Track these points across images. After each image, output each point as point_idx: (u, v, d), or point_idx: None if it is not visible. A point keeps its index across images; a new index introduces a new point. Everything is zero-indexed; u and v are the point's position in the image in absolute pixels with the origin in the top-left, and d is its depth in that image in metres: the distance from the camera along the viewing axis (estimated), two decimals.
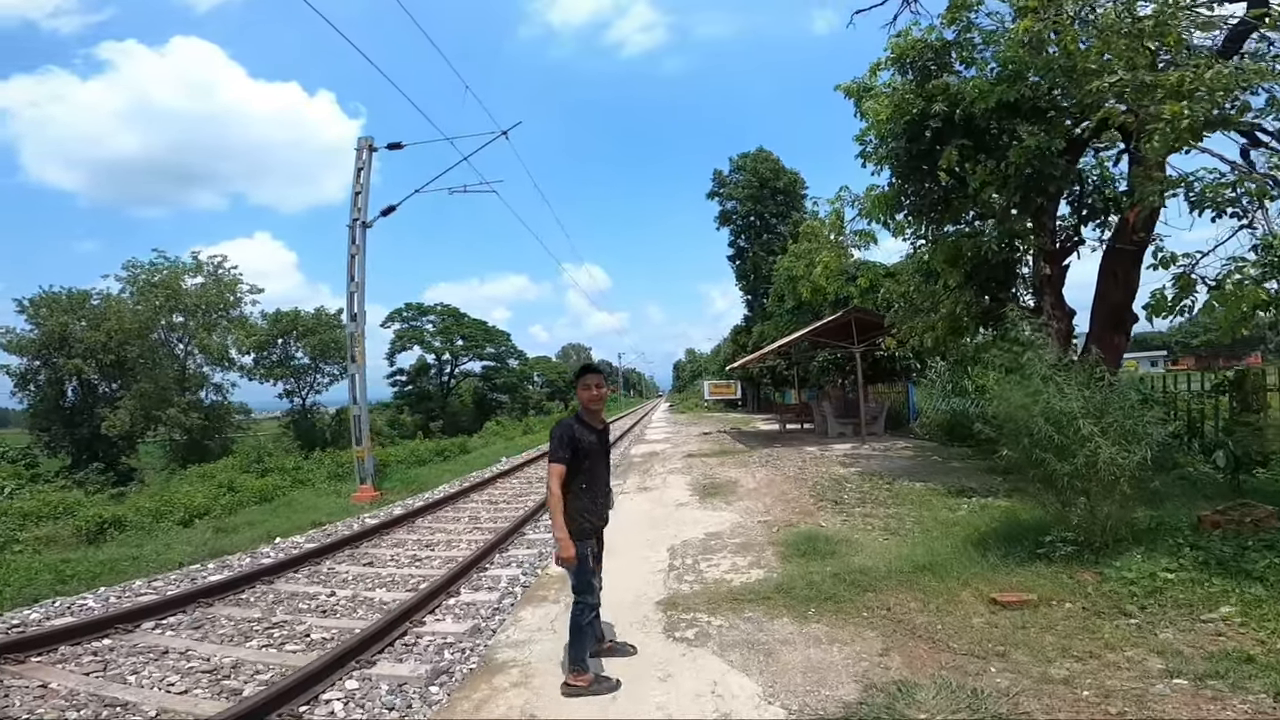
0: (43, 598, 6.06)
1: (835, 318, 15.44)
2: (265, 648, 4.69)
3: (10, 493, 18.61)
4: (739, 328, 42.26)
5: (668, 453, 16.15)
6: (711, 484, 10.28)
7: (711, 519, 7.58)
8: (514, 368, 55.90)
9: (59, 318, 28.20)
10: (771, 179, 38.36)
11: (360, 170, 13.94)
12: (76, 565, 7.23)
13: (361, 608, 5.51)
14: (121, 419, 27.02)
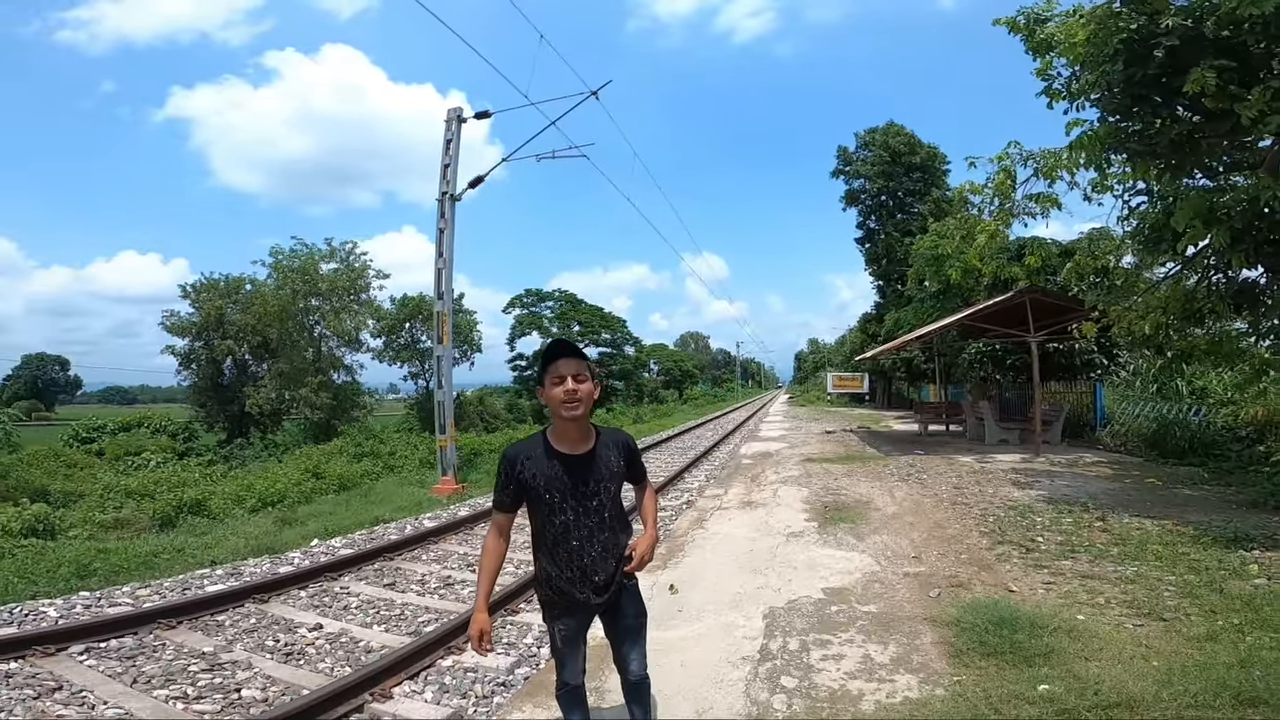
0: (22, 597, 5.23)
1: (1004, 299, 12.38)
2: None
3: (156, 465, 20.10)
4: (868, 316, 38.73)
5: (783, 454, 13.91)
6: (836, 503, 8.05)
7: (835, 563, 5.44)
8: (630, 355, 55.18)
9: (215, 302, 30.76)
10: (906, 154, 34.74)
11: (449, 142, 13.05)
12: (113, 556, 6.59)
13: (329, 657, 4.08)
14: (264, 397, 29.02)
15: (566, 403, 2.14)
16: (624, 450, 2.34)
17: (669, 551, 5.98)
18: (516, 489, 2.20)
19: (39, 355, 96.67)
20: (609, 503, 2.25)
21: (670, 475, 11.99)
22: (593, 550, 2.21)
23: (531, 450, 2.22)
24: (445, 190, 12.82)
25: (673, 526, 7.64)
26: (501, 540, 2.28)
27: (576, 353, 2.22)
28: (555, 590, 2.24)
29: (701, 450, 16.92)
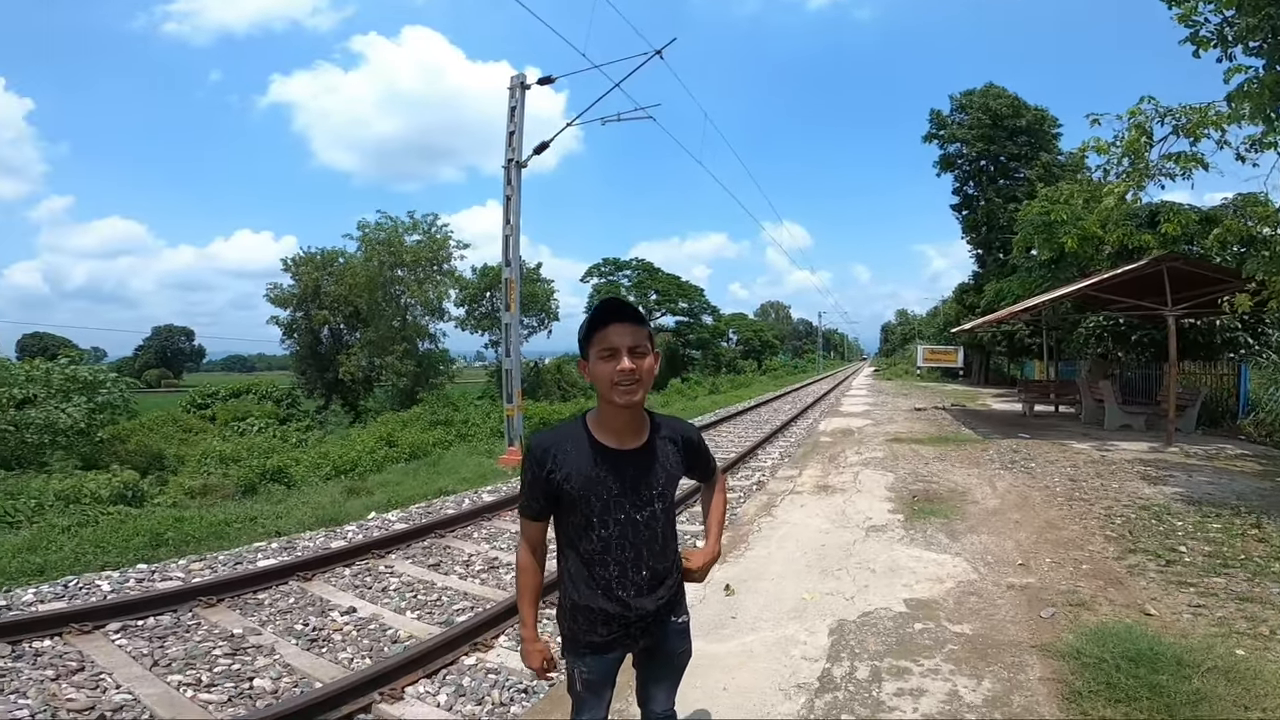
0: (91, 568, 5.35)
1: (1137, 267, 10.76)
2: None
3: (258, 431, 21.44)
4: (965, 286, 36.29)
5: (866, 432, 12.92)
6: (926, 492, 7.19)
7: (922, 567, 4.70)
8: (708, 324, 54.28)
9: (312, 274, 32.46)
10: (1009, 116, 32.24)
11: (513, 109, 12.80)
12: (187, 526, 6.70)
13: (354, 645, 3.84)
14: (354, 364, 30.54)
15: (620, 384, 1.61)
16: (686, 446, 1.83)
17: (730, 543, 5.42)
18: (547, 493, 1.70)
19: (167, 326, 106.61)
20: (664, 515, 1.75)
21: (742, 452, 11.38)
22: (638, 578, 1.71)
23: (567, 442, 1.70)
24: (511, 157, 12.64)
25: (738, 512, 7.06)
26: (536, 556, 1.80)
27: (634, 316, 1.65)
28: (583, 625, 1.74)
29: (778, 425, 16.14)
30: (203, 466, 11.56)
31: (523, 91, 12.83)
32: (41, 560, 5.35)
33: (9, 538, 6.02)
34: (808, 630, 3.63)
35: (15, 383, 13.99)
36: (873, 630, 3.61)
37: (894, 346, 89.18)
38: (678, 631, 1.85)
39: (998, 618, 3.75)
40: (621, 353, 1.61)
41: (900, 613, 3.85)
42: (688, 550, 1.91)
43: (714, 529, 1.98)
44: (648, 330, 1.67)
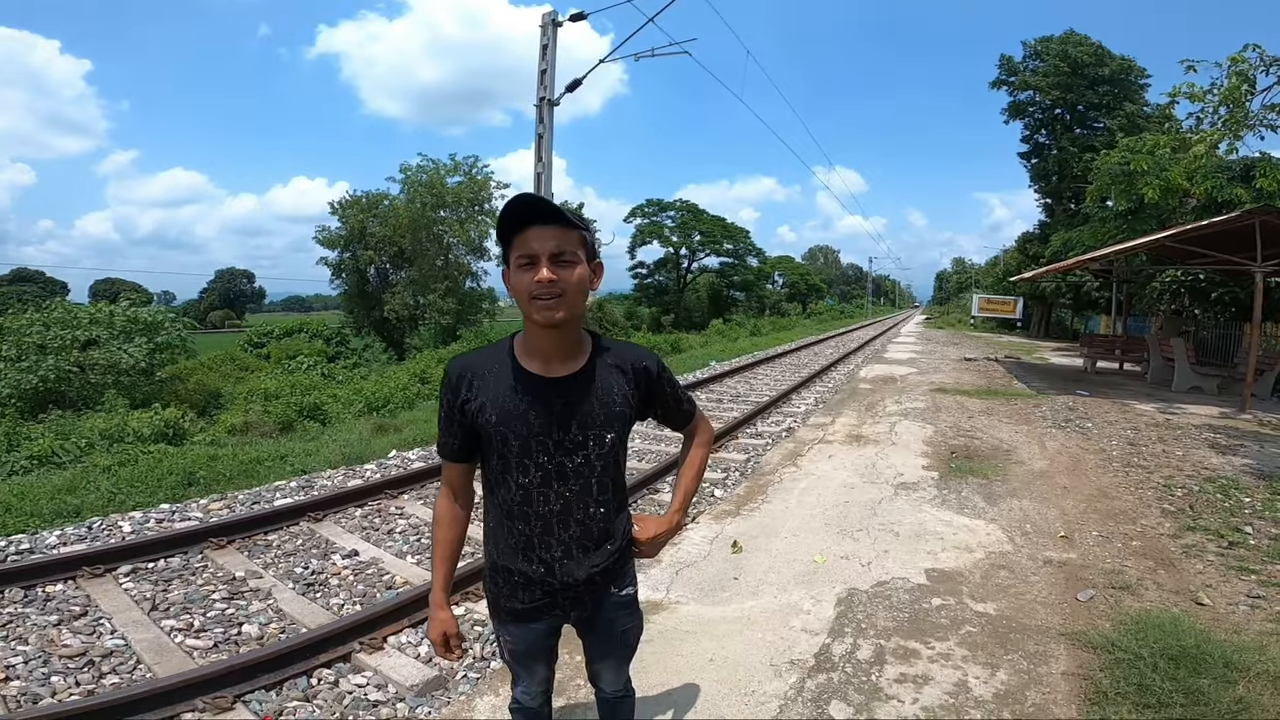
0: (123, 508, 5.49)
1: (1226, 219, 9.68)
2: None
3: (307, 368, 22.11)
4: (1029, 235, 34.77)
5: (909, 381, 12.36)
6: (967, 449, 6.77)
7: (951, 533, 4.37)
8: (752, 265, 52.98)
9: (358, 216, 32.83)
10: (1091, 64, 30.39)
11: (545, 47, 12.33)
12: (220, 464, 6.79)
13: (348, 590, 3.82)
14: (399, 302, 31.14)
15: (539, 297, 1.32)
16: (639, 377, 1.51)
17: (747, 494, 5.20)
18: (465, 427, 1.45)
19: (229, 269, 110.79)
20: (601, 461, 1.45)
21: (775, 396, 11.04)
22: (565, 536, 1.46)
23: (488, 367, 1.44)
24: (543, 96, 12.29)
25: (761, 460, 6.82)
26: (456, 504, 1.55)
27: (557, 216, 1.33)
28: (503, 589, 1.51)
29: (816, 369, 15.66)
30: (248, 404, 11.92)
31: (554, 28, 12.36)
32: (78, 501, 5.51)
33: (51, 478, 6.24)
34: (814, 598, 3.40)
35: (80, 325, 14.59)
36: (885, 603, 3.35)
37: (949, 295, 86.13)
38: (620, 604, 1.59)
39: (1028, 597, 3.43)
40: (541, 260, 1.32)
41: (919, 584, 3.57)
42: (640, 515, 1.63)
43: (679, 492, 1.66)
44: (580, 234, 1.36)
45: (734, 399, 11.53)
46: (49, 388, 12.74)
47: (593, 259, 1.41)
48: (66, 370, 13.12)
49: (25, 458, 7.53)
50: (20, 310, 15.55)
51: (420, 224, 31.48)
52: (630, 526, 1.59)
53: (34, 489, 5.73)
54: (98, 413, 10.43)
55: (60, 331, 13.96)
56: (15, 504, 5.26)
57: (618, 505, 1.54)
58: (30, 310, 15.05)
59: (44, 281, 70.40)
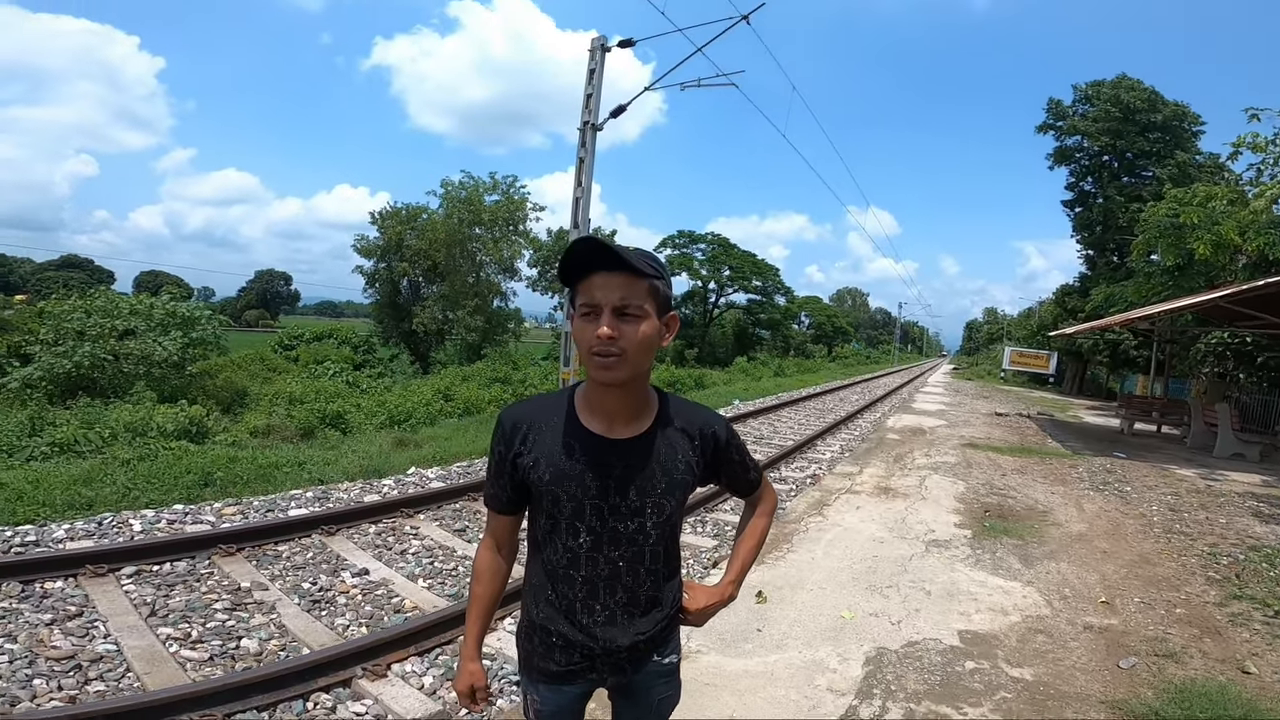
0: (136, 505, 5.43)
1: None
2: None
3: (333, 374, 22.33)
4: (1068, 288, 33.70)
5: (939, 433, 12.02)
6: (1000, 508, 6.49)
7: (985, 594, 4.13)
8: (780, 304, 52.78)
9: (397, 228, 33.50)
10: (1144, 110, 29.52)
11: (592, 71, 12.49)
12: (238, 466, 6.75)
13: (354, 611, 3.67)
14: (428, 315, 31.50)
15: (597, 354, 1.20)
16: (706, 444, 1.38)
17: (772, 541, 4.97)
18: (515, 481, 1.33)
19: (268, 270, 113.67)
20: (657, 530, 1.33)
21: (800, 441, 10.79)
22: (612, 602, 1.32)
23: (544, 418, 1.32)
24: (587, 120, 12.37)
25: (786, 507, 6.59)
26: (499, 556, 1.43)
27: (623, 264, 1.19)
28: (538, 648, 1.37)
29: (842, 416, 15.34)
30: (272, 406, 11.98)
31: (603, 54, 12.50)
32: (93, 494, 5.47)
33: (69, 468, 6.23)
34: (841, 656, 3.19)
35: (119, 315, 14.88)
36: (916, 664, 3.13)
37: (978, 345, 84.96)
38: (661, 672, 1.44)
39: (1067, 663, 3.22)
40: (603, 312, 1.18)
41: (951, 646, 3.36)
42: (690, 583, 1.48)
43: (735, 562, 1.51)
44: (648, 284, 1.21)
45: (757, 440, 11.30)
46: (82, 374, 12.95)
47: (665, 311, 1.26)
48: (101, 358, 13.34)
49: (47, 444, 7.57)
50: (64, 296, 15.96)
51: (456, 240, 31.97)
52: (680, 594, 1.45)
53: (50, 477, 5.71)
54: (125, 403, 10.53)
55: (100, 320, 14.22)
56: (29, 492, 5.23)
57: (669, 572, 1.40)
58: (74, 297, 15.41)
59: (92, 269, 72.66)
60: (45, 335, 13.77)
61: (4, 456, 7.07)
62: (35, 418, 8.58)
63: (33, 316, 16.36)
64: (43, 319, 14.59)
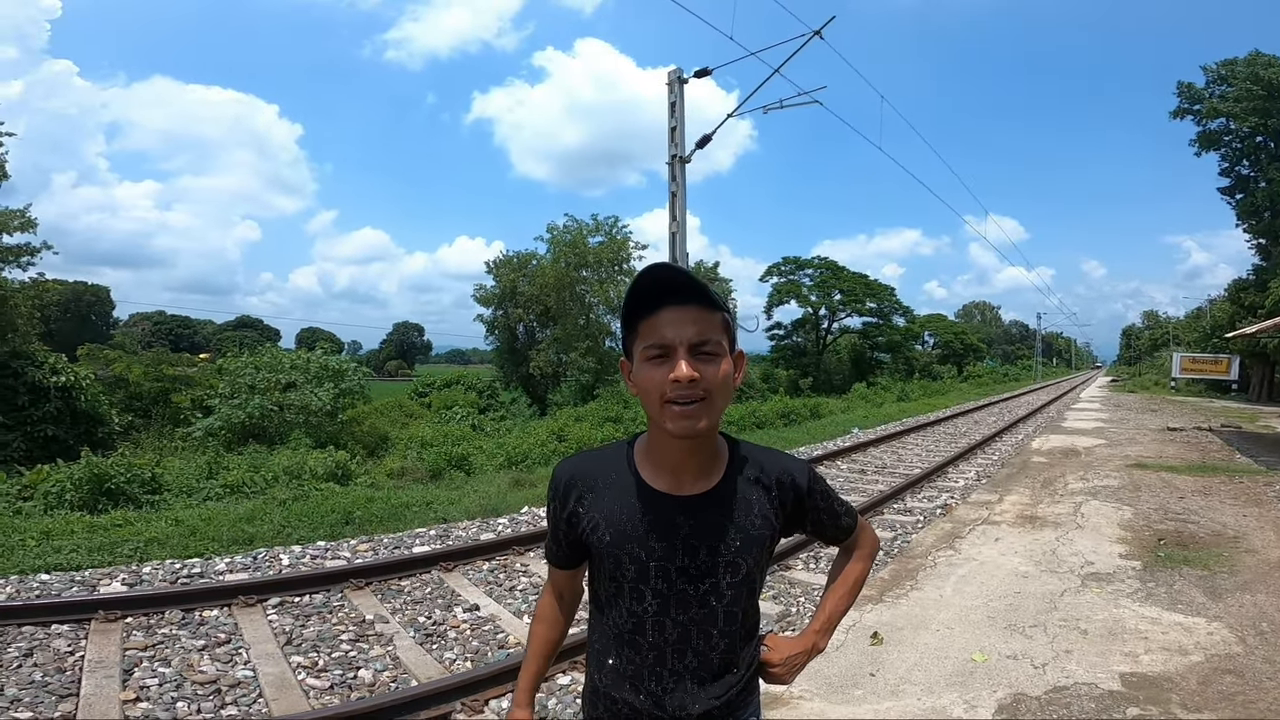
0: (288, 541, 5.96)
1: None
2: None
3: (460, 419, 23.81)
4: (1243, 283, 30.00)
5: (1097, 454, 10.68)
6: (1177, 534, 5.60)
7: (1158, 631, 3.53)
8: (898, 325, 49.97)
9: (510, 275, 35.62)
10: None
11: (673, 104, 12.73)
12: (374, 506, 7.27)
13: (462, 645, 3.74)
14: (543, 359, 32.92)
15: (676, 403, 1.07)
16: (785, 494, 1.23)
17: (892, 578, 4.58)
18: (571, 540, 1.24)
19: (404, 323, 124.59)
20: (733, 590, 1.19)
21: (928, 469, 9.99)
22: (680, 668, 1.19)
23: (602, 474, 1.21)
24: (674, 153, 12.60)
25: (911, 539, 6.08)
26: (559, 606, 1.37)
27: (700, 295, 1.09)
28: (602, 714, 1.27)
29: (977, 440, 14.07)
30: (406, 450, 12.89)
31: (680, 86, 12.70)
32: (253, 530, 6.12)
33: (236, 507, 7.04)
34: (968, 703, 2.82)
35: (282, 369, 16.80)
36: (1061, 713, 2.72)
37: (1139, 354, 75.72)
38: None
39: (1260, 706, 2.70)
40: (678, 352, 1.06)
41: (1111, 691, 2.89)
42: (772, 637, 1.33)
43: (824, 609, 1.35)
44: (722, 317, 1.10)
45: (879, 470, 10.60)
46: (253, 423, 14.69)
47: (734, 348, 1.15)
48: (269, 409, 15.07)
49: (220, 485, 8.59)
50: (238, 354, 18.32)
51: (564, 283, 33.35)
52: (759, 650, 1.31)
53: (220, 515, 6.46)
54: (286, 449, 11.77)
55: (267, 374, 16.12)
56: (201, 528, 5.94)
57: (746, 633, 1.26)
58: (245, 354, 17.63)
59: (262, 328, 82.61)
60: (223, 389, 15.81)
61: (184, 497, 8.10)
62: (212, 462, 9.77)
63: (213, 373, 18.84)
64: (221, 375, 16.75)
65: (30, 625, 3.82)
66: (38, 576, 4.75)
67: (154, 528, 5.92)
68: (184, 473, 9.04)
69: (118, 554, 5.29)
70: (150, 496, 7.90)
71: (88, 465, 7.75)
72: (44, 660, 3.50)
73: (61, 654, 3.58)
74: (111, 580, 4.71)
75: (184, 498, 8.09)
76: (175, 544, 5.60)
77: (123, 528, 5.95)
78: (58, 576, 4.75)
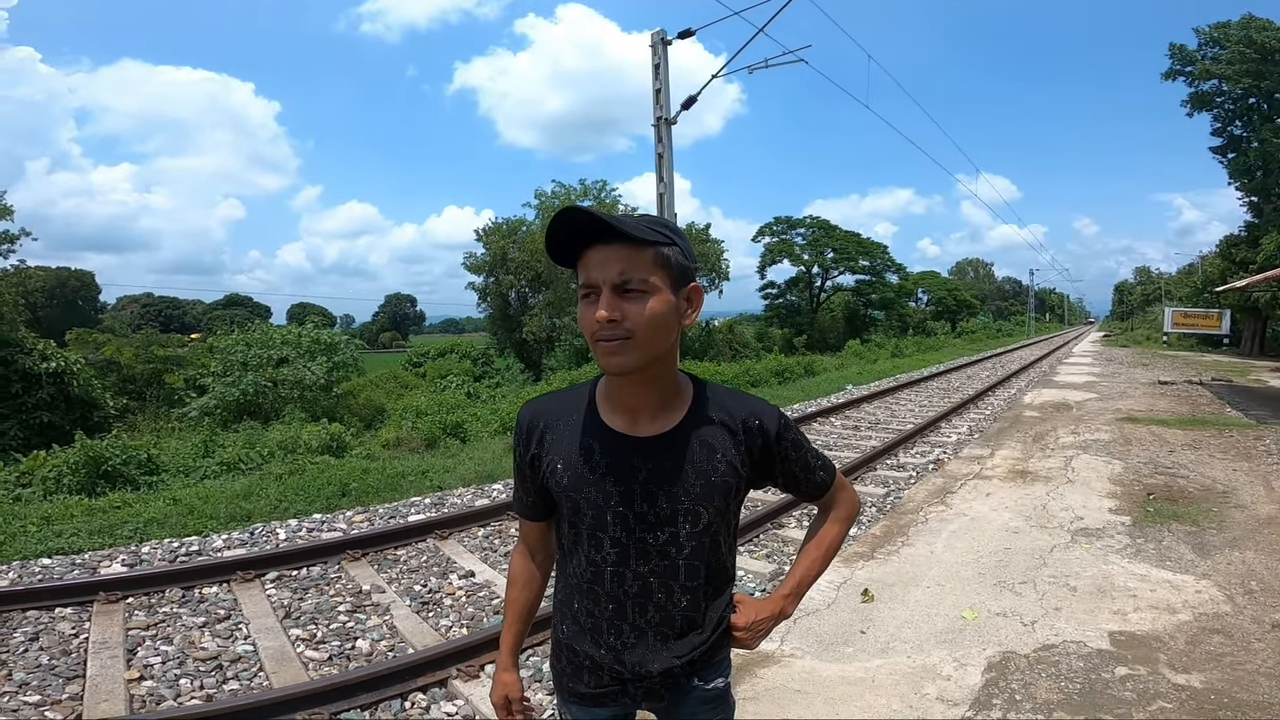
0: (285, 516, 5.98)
1: None
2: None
3: (455, 387, 23.79)
4: (1234, 239, 30.29)
5: (1088, 407, 10.77)
6: (1167, 488, 5.68)
7: (1146, 588, 3.60)
8: (892, 282, 49.88)
9: (500, 242, 35.22)
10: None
11: (657, 66, 12.44)
12: (370, 478, 7.24)
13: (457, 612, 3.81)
14: (536, 325, 32.82)
15: (600, 340, 1.05)
16: (752, 437, 1.18)
17: (884, 534, 4.63)
18: (536, 485, 1.21)
19: (396, 295, 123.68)
20: (694, 541, 1.16)
21: (920, 423, 10.06)
22: (641, 622, 1.17)
23: (564, 415, 1.19)
24: (659, 115, 12.38)
25: (904, 496, 6.14)
26: (533, 563, 1.34)
27: (620, 232, 1.03)
28: (566, 668, 1.25)
29: (969, 394, 14.15)
30: (401, 420, 12.90)
31: (664, 48, 12.42)
32: (250, 507, 6.13)
33: (233, 484, 7.05)
34: (957, 661, 2.87)
35: (274, 345, 16.67)
36: (1050, 671, 2.76)
37: (1131, 309, 75.95)
38: (705, 698, 1.26)
39: (1248, 668, 2.73)
40: (602, 291, 1.03)
41: (1099, 649, 2.94)
42: (741, 596, 1.29)
43: (795, 572, 1.30)
44: (653, 253, 1.04)
45: (872, 426, 10.67)
46: (247, 400, 14.65)
47: (682, 284, 1.09)
48: (262, 385, 15.01)
49: (217, 463, 8.59)
50: (228, 331, 18.13)
51: None
52: (728, 613, 1.27)
53: (217, 493, 6.47)
54: (280, 424, 11.76)
55: (259, 350, 16.02)
56: (199, 507, 5.95)
57: (713, 590, 1.22)
58: (235, 332, 17.48)
59: (252, 306, 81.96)
60: (216, 368, 15.71)
61: (182, 476, 8.11)
62: (208, 441, 9.76)
63: (205, 352, 18.75)
64: (213, 354, 16.65)
65: (35, 610, 3.86)
66: (39, 561, 4.78)
67: (152, 508, 5.94)
68: (180, 452, 9.04)
69: (117, 535, 5.32)
70: (148, 477, 7.91)
71: (84, 449, 7.72)
72: (49, 644, 3.55)
73: (66, 636, 3.63)
74: (112, 562, 4.75)
75: (181, 477, 8.10)
76: (174, 523, 5.61)
77: (121, 509, 5.96)
78: (59, 560, 4.78)
